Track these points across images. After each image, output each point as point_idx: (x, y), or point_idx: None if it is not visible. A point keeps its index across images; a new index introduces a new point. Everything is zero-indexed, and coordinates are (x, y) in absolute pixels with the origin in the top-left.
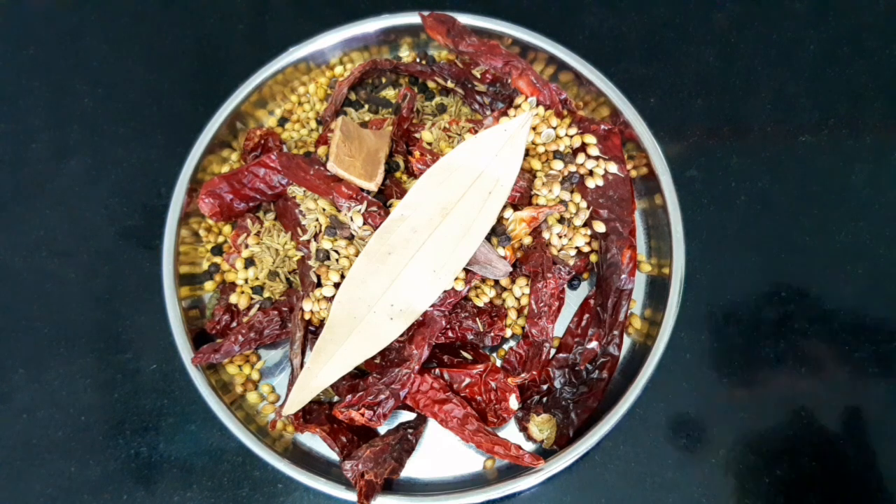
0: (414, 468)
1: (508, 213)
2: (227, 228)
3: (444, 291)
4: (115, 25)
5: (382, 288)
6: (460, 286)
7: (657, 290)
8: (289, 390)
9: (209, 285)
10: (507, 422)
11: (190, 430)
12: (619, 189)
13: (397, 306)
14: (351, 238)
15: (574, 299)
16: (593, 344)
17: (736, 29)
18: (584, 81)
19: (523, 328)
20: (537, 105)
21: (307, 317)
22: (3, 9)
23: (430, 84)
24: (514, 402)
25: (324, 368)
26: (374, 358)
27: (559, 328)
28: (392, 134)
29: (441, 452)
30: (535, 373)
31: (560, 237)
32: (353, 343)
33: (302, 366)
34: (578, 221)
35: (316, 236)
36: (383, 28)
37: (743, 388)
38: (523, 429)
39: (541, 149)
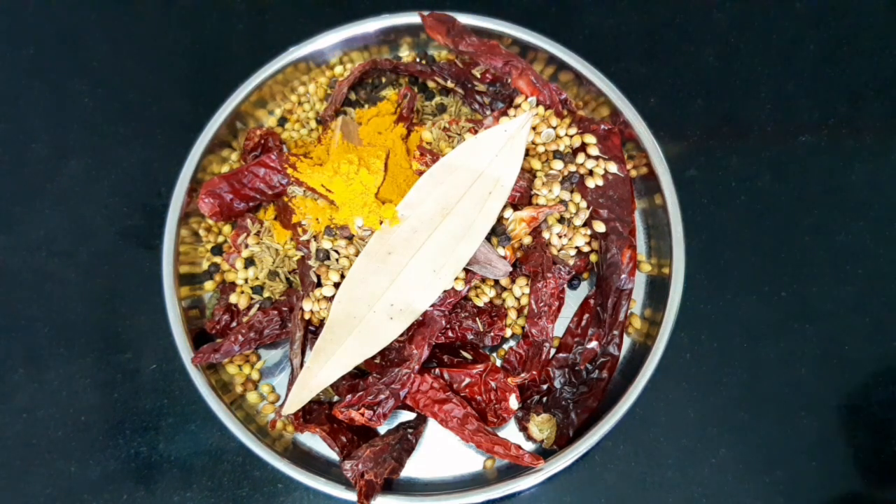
0: (414, 468)
1: (508, 212)
2: (227, 228)
3: (444, 291)
4: (115, 25)
5: (382, 288)
6: (460, 286)
7: (657, 290)
8: (289, 390)
9: (209, 285)
10: (507, 422)
11: (190, 430)
12: (618, 189)
13: (397, 306)
14: (350, 238)
15: (574, 299)
16: (593, 344)
17: (736, 29)
18: (584, 81)
19: (523, 328)
20: (537, 105)
21: (307, 317)
22: (3, 9)
23: (430, 84)
24: (514, 402)
25: (324, 368)
26: (374, 358)
27: (559, 328)
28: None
29: (441, 452)
30: (535, 373)
31: (560, 237)
32: (353, 343)
33: (302, 365)
34: (578, 221)
35: (316, 236)
36: (383, 28)
37: (743, 389)
38: (523, 429)
39: (541, 149)
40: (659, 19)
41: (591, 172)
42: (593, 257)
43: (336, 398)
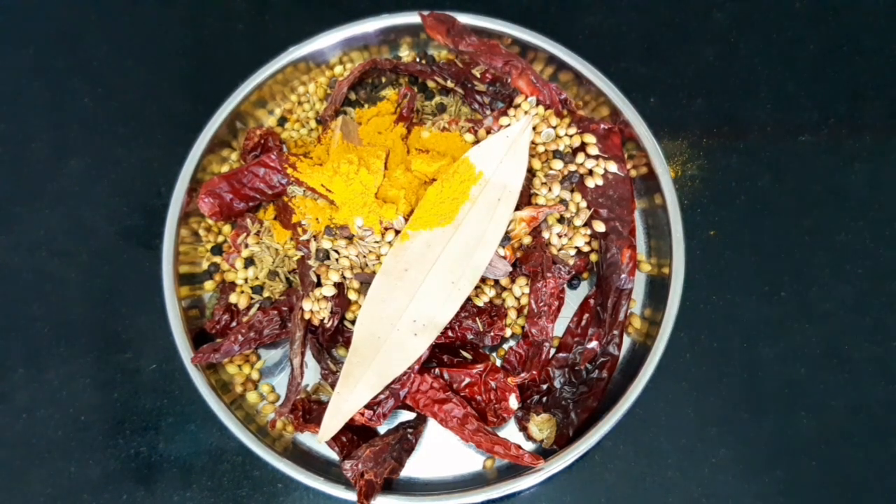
0: (414, 468)
1: None
2: (226, 228)
3: None
4: (115, 25)
5: (403, 305)
6: None
7: (657, 290)
8: (289, 390)
9: (209, 285)
10: (507, 422)
11: (190, 430)
12: (618, 188)
13: (420, 321)
14: (350, 238)
15: (574, 299)
16: (593, 344)
17: (736, 29)
18: (584, 81)
19: (523, 328)
20: (537, 104)
21: (307, 317)
22: (3, 9)
23: (430, 84)
24: (513, 402)
25: (354, 391)
26: None
27: (559, 328)
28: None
29: (441, 452)
30: (535, 372)
31: (560, 237)
32: (381, 362)
33: (302, 366)
34: (579, 222)
35: (316, 236)
36: (383, 28)
37: (743, 389)
38: (523, 428)
39: (541, 148)
40: (659, 19)
41: (590, 172)
42: (593, 257)
43: None
